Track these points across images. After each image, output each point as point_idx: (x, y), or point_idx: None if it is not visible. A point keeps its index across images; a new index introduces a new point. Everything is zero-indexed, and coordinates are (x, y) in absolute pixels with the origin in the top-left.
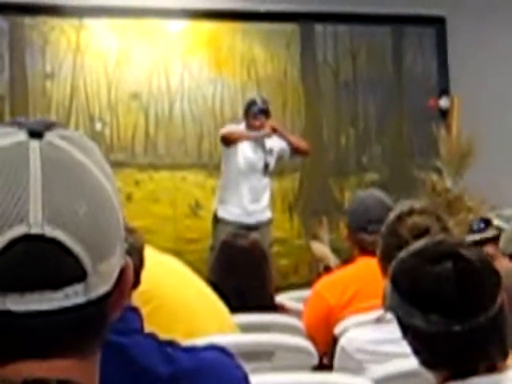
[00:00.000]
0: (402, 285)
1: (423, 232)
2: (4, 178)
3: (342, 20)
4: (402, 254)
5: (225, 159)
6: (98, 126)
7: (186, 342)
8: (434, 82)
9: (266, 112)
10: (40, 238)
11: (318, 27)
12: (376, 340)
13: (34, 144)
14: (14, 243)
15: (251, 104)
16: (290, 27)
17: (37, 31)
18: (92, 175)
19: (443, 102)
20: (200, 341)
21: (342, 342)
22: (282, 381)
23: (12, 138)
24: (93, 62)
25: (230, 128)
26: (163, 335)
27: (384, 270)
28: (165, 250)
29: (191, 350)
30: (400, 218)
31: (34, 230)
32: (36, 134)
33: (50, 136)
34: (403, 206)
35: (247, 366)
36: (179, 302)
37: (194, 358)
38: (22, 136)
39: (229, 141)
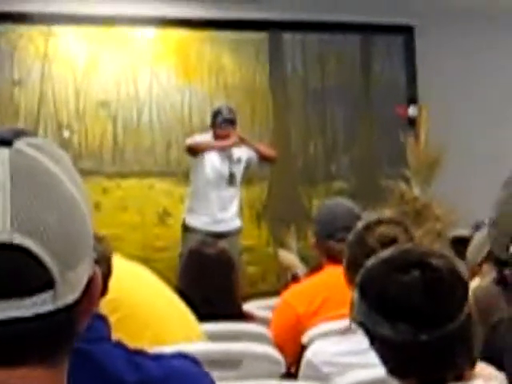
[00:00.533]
0: (369, 293)
1: (390, 241)
2: None
3: (310, 28)
4: (370, 261)
5: (193, 168)
6: (66, 134)
7: (153, 350)
8: (402, 90)
9: (232, 121)
10: (8, 247)
11: (287, 36)
12: (341, 352)
13: (3, 152)
14: None
15: (217, 113)
16: (258, 36)
17: (5, 38)
18: (61, 184)
19: (411, 111)
20: (168, 349)
21: (308, 354)
22: None
23: None
24: (61, 70)
25: (195, 138)
26: (131, 343)
27: (350, 279)
28: (133, 257)
29: (159, 358)
30: (368, 227)
31: (2, 238)
32: (5, 142)
33: (18, 144)
34: (371, 215)
35: (215, 375)
36: (147, 310)
37: (162, 366)
38: None
39: (195, 151)
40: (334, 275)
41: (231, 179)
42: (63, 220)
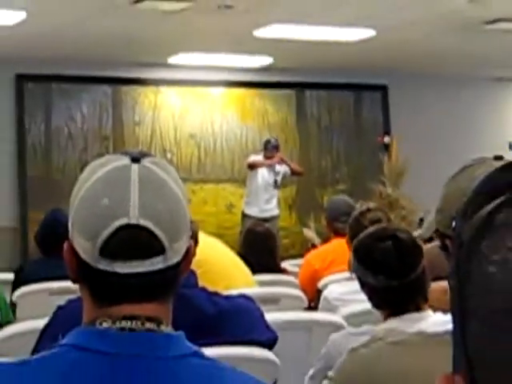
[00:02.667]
0: (360, 255)
1: (377, 221)
2: (115, 188)
3: (322, 87)
4: (361, 235)
5: (249, 177)
6: (169, 155)
7: (225, 292)
8: (380, 127)
9: (277, 147)
10: (136, 226)
11: (307, 92)
12: (345, 292)
13: (134, 166)
14: (119, 229)
15: (268, 142)
16: (289, 92)
17: (130, 95)
18: (170, 186)
19: (386, 140)
20: (234, 291)
21: (325, 293)
22: (287, 317)
23: (121, 161)
24: (165, 115)
25: (252, 158)
26: (210, 288)
27: (350, 246)
28: (210, 234)
29: (228, 297)
30: (362, 213)
31: (133, 221)
32: (136, 160)
33: (144, 161)
34: (362, 206)
35: (263, 308)
36: (220, 266)
37: (231, 302)
38: (126, 161)
39: (253, 167)
40: (338, 244)
41: (275, 184)
42: (170, 210)
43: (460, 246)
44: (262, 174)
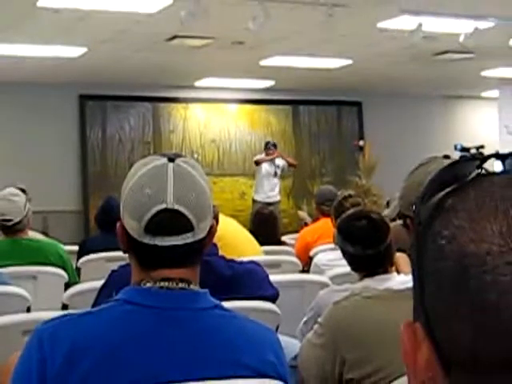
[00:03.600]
0: (342, 231)
1: (356, 205)
2: (155, 181)
3: (312, 104)
4: (343, 216)
5: (257, 170)
6: (195, 156)
7: (238, 259)
8: (356, 133)
9: (275, 146)
10: (172, 210)
11: (301, 107)
12: (331, 259)
13: (170, 165)
14: (159, 213)
15: (268, 143)
16: (287, 107)
17: (165, 110)
18: (198, 180)
19: (361, 143)
20: (245, 259)
21: (315, 260)
22: (286, 278)
23: (160, 161)
24: (192, 125)
25: (258, 156)
26: (227, 255)
27: (334, 224)
28: (227, 215)
29: (242, 263)
30: (344, 198)
31: (169, 206)
32: (171, 160)
33: (178, 161)
34: (343, 193)
35: (268, 271)
36: (235, 240)
37: (243, 266)
38: (164, 160)
39: (258, 163)
40: (324, 223)
41: (275, 174)
42: (198, 197)
43: (418, 223)
44: (265, 167)
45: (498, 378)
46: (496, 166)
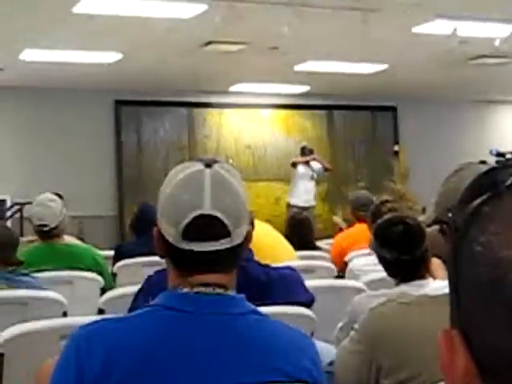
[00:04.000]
0: (378, 236)
1: (394, 210)
2: (193, 186)
3: (347, 109)
4: (379, 221)
5: (293, 174)
6: (230, 161)
7: (273, 265)
8: (391, 138)
9: (311, 151)
10: (209, 216)
11: (335, 112)
12: (366, 264)
13: (207, 170)
14: (196, 218)
15: (304, 147)
16: (322, 112)
17: (200, 115)
18: (234, 185)
19: (396, 148)
20: (280, 264)
21: (350, 265)
22: (321, 283)
23: (197, 167)
24: (227, 130)
25: (295, 158)
26: (262, 261)
27: (371, 229)
28: (263, 220)
29: (277, 268)
30: (382, 202)
31: (206, 212)
32: (208, 166)
33: (215, 167)
34: (379, 198)
35: (303, 276)
36: (270, 245)
37: (278, 272)
38: (201, 166)
39: (295, 164)
40: (360, 228)
41: (311, 178)
42: (234, 203)
43: (455, 230)
44: (301, 169)
45: None
46: None
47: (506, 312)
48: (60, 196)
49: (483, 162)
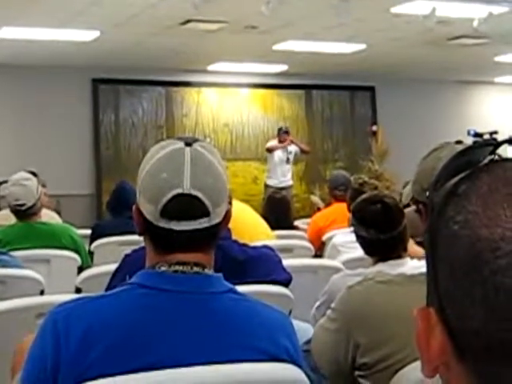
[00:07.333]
0: (356, 215)
1: (374, 188)
2: (172, 165)
3: (325, 88)
4: (358, 200)
5: (268, 158)
6: (208, 140)
7: (251, 243)
8: (369, 118)
9: (287, 132)
10: (188, 195)
11: (314, 92)
12: (347, 241)
13: (187, 149)
14: (175, 197)
15: (280, 129)
16: (300, 92)
17: (178, 93)
18: (214, 165)
19: (374, 128)
20: (258, 243)
21: (333, 240)
22: (299, 263)
23: (177, 145)
24: (205, 109)
25: (269, 144)
26: (240, 240)
27: (349, 208)
28: (240, 200)
29: (254, 247)
30: (362, 183)
31: (186, 191)
32: (188, 144)
33: (195, 145)
34: (358, 179)
35: (281, 255)
36: (247, 224)
37: (256, 251)
38: (181, 144)
39: (271, 150)
40: (337, 207)
41: (287, 161)
42: (214, 183)
43: (432, 209)
44: (278, 154)
45: (510, 362)
46: (509, 151)
47: (483, 289)
48: (35, 174)
49: (459, 142)
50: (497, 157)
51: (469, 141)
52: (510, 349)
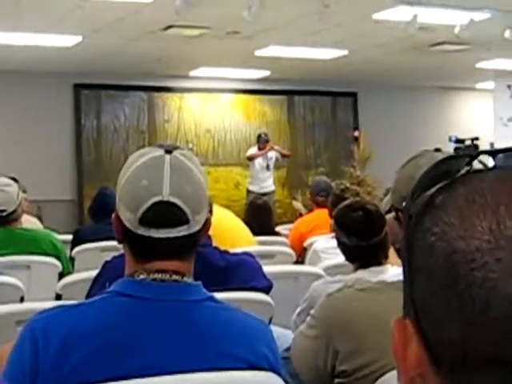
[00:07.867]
0: (338, 221)
1: (356, 195)
2: (152, 172)
3: (307, 94)
4: (339, 206)
5: (250, 164)
6: (190, 145)
7: (232, 250)
8: (351, 123)
9: (267, 140)
10: (167, 203)
11: (296, 97)
12: (329, 247)
13: (167, 157)
14: (154, 204)
15: (260, 136)
16: (282, 97)
17: (161, 99)
18: (194, 173)
19: (356, 133)
20: (238, 250)
21: (315, 246)
22: (280, 269)
23: (157, 152)
24: (187, 115)
25: (250, 152)
26: (221, 246)
27: (331, 214)
28: (222, 206)
29: (235, 254)
30: (343, 189)
31: (165, 198)
32: (168, 152)
33: (175, 153)
34: (339, 184)
35: (261, 261)
36: (228, 230)
37: (237, 257)
38: (161, 152)
39: (251, 159)
40: (319, 213)
41: (268, 167)
42: (194, 190)
43: (409, 219)
44: (259, 161)
45: (487, 375)
46: (490, 160)
47: (459, 302)
48: (15, 180)
49: (438, 150)
50: (476, 166)
51: (450, 147)
52: (486, 360)
